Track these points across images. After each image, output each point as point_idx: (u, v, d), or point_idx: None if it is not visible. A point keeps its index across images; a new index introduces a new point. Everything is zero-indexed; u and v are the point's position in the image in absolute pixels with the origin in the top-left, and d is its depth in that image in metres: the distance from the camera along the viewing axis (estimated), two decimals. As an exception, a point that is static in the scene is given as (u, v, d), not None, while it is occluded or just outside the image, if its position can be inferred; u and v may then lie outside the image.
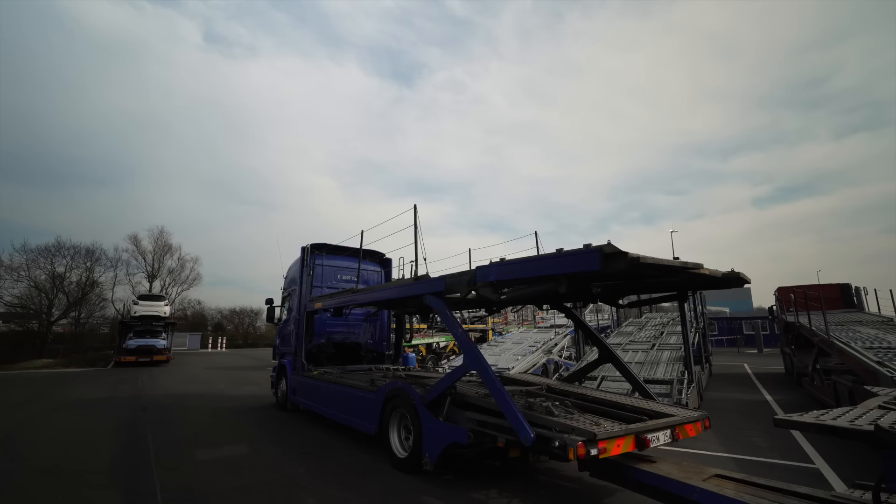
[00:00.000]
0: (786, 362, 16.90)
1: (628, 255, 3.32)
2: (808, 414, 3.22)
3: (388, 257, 10.90)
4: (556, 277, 3.87)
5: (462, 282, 4.96)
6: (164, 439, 7.02)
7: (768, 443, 6.83)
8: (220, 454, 6.16)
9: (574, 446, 3.46)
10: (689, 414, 4.58)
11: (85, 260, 39.06)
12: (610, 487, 4.60)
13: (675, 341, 11.75)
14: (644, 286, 5.18)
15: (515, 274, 4.18)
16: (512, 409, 4.01)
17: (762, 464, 5.72)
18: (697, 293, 14.08)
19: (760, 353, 30.86)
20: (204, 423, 8.32)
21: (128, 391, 12.98)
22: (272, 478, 5.15)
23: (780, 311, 16.85)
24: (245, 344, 46.21)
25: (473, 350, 4.68)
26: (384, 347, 10.69)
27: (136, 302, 24.44)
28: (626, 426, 3.90)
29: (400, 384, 5.69)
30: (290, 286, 10.60)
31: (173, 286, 45.66)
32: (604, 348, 6.18)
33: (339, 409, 7.11)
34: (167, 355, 22.76)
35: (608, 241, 3.45)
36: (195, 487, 4.83)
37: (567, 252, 3.72)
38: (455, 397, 4.96)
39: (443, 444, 4.76)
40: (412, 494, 4.59)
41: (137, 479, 5.13)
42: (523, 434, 3.85)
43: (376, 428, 5.96)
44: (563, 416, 4.10)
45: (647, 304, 5.68)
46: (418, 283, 5.69)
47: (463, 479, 5.07)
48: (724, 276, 4.24)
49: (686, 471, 3.89)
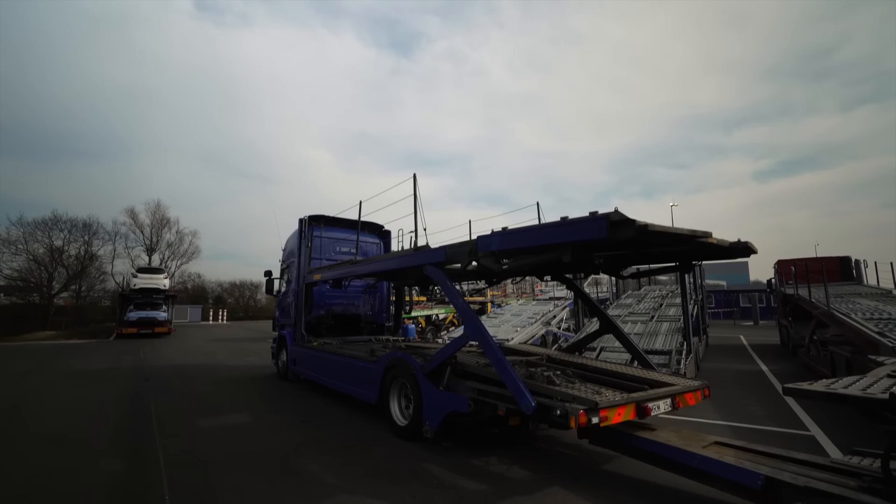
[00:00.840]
0: (782, 334, 17.07)
1: (636, 222, 3.21)
2: (818, 383, 3.19)
3: (387, 229, 10.79)
4: (560, 246, 3.77)
5: (463, 252, 4.86)
6: (165, 408, 7.08)
7: (764, 411, 6.91)
8: (222, 422, 6.21)
9: (575, 415, 3.44)
10: (690, 383, 4.58)
11: (82, 233, 39.16)
12: (608, 454, 4.65)
13: (673, 313, 11.78)
14: (647, 257, 5.09)
15: (518, 243, 4.08)
16: (513, 377, 3.99)
17: (759, 431, 5.79)
18: (697, 266, 14.09)
19: (756, 325, 31.20)
20: (205, 392, 8.40)
21: (130, 362, 13.10)
22: (273, 445, 5.20)
23: (778, 283, 16.90)
24: (246, 316, 46.59)
25: (474, 320, 4.63)
26: (384, 319, 10.71)
27: (135, 275, 24.42)
28: (628, 395, 3.89)
29: (400, 354, 5.68)
30: (289, 258, 10.52)
31: (172, 260, 45.80)
32: (605, 319, 6.16)
33: (339, 378, 7.15)
34: (168, 327, 22.91)
35: (615, 209, 3.33)
36: (197, 454, 4.87)
37: (572, 220, 3.60)
38: (455, 367, 4.95)
39: (443, 412, 4.78)
40: (413, 461, 4.64)
41: (140, 446, 5.18)
42: (524, 402, 3.84)
43: (377, 397, 5.99)
44: (565, 385, 4.09)
45: (649, 276, 5.62)
46: (418, 253, 5.59)
47: (463, 446, 5.12)
48: (731, 245, 4.15)
49: (686, 438, 3.91)
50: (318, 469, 4.41)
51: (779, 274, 16.94)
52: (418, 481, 4.09)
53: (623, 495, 3.77)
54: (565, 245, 3.70)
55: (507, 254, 4.46)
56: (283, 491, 3.87)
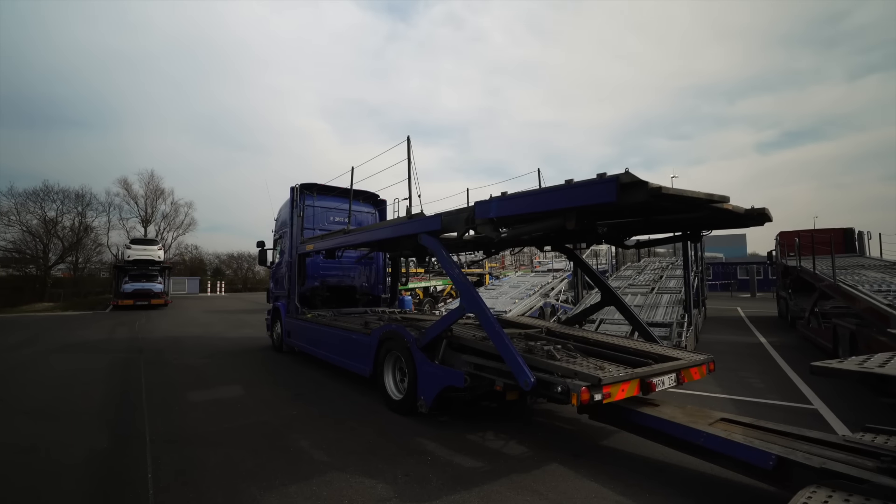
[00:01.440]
0: (780, 306, 17.01)
1: (648, 184, 2.91)
2: (849, 361, 2.98)
3: (382, 198, 10.45)
4: (563, 212, 3.48)
5: (459, 219, 4.57)
6: (157, 381, 6.94)
7: (765, 384, 6.81)
8: (213, 396, 6.07)
9: (577, 392, 3.25)
10: (695, 357, 4.39)
11: (76, 204, 38.70)
12: (608, 429, 4.52)
13: (674, 285, 11.62)
14: (654, 225, 4.81)
15: (518, 209, 3.78)
16: (511, 352, 3.78)
17: (762, 405, 5.67)
18: (702, 237, 13.80)
19: (753, 297, 31.36)
20: (198, 364, 8.27)
21: (125, 334, 12.99)
22: (265, 419, 5.06)
23: (780, 255, 16.70)
24: (244, 288, 46.61)
25: (471, 292, 4.39)
26: (380, 290, 10.52)
27: (129, 246, 24.12)
28: (632, 370, 3.69)
29: (394, 326, 5.48)
30: (282, 229, 10.22)
31: (168, 231, 45.43)
32: (607, 291, 5.94)
33: (333, 351, 6.99)
34: (165, 299, 22.81)
35: (626, 170, 3.03)
36: (185, 429, 4.73)
37: (578, 183, 3.30)
38: (451, 340, 4.75)
39: (438, 387, 4.61)
40: (407, 436, 4.50)
41: (127, 420, 5.04)
42: (522, 378, 3.64)
43: (371, 370, 5.84)
44: (566, 359, 3.89)
45: (655, 245, 5.37)
46: (413, 221, 5.30)
47: (458, 420, 4.99)
48: (746, 212, 3.86)
49: (691, 414, 3.75)
50: (309, 445, 4.26)
51: (781, 246, 16.73)
52: (412, 458, 3.94)
53: (624, 473, 3.63)
54: (570, 211, 3.41)
55: (506, 221, 4.17)
56: (272, 469, 3.72)
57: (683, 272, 10.15)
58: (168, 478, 3.55)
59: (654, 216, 4.47)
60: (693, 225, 4.67)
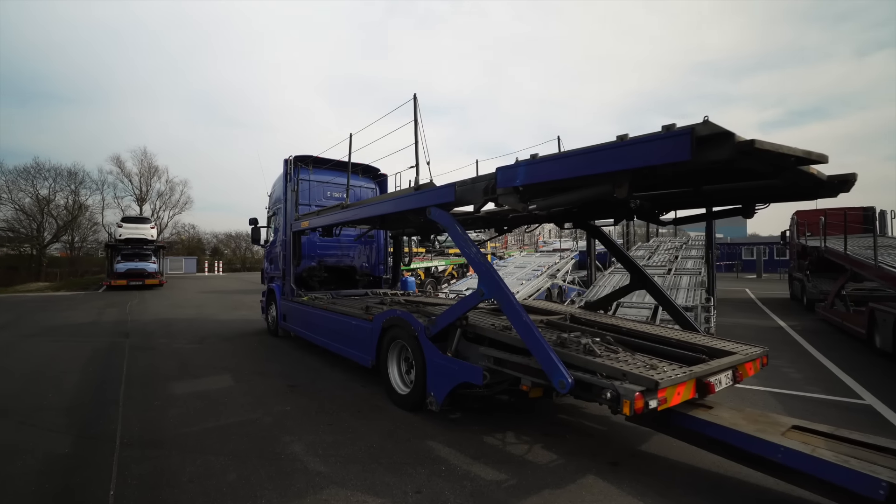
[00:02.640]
0: (793, 287, 16.47)
1: (734, 137, 2.23)
2: None
3: (382, 173, 9.71)
4: (613, 176, 2.80)
5: (477, 189, 3.89)
6: (140, 370, 6.37)
7: (802, 374, 6.26)
8: (199, 387, 5.50)
9: (631, 398, 2.64)
10: (750, 350, 3.78)
11: (68, 182, 37.79)
12: (640, 428, 3.95)
13: (691, 266, 10.99)
14: (702, 196, 4.12)
15: (552, 174, 3.09)
16: (542, 346, 3.16)
17: (806, 399, 5.12)
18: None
19: (759, 278, 30.87)
20: (187, 350, 7.70)
21: (114, 316, 12.41)
22: (254, 416, 4.49)
23: (796, 235, 16.06)
24: (243, 268, 46.00)
25: (491, 273, 3.74)
26: (381, 271, 9.89)
27: (121, 225, 23.32)
28: (689, 369, 3.07)
29: (399, 313, 4.86)
30: (276, 205, 9.51)
31: (164, 210, 44.57)
32: (637, 273, 5.30)
33: (331, 337, 6.40)
34: (159, 279, 22.19)
35: (705, 118, 2.34)
36: (162, 429, 4.15)
37: (636, 139, 2.60)
38: (466, 329, 4.13)
39: (451, 383, 4.01)
40: (416, 440, 3.93)
41: (99, 418, 4.46)
42: (557, 378, 3.03)
43: (373, 360, 5.25)
44: (607, 355, 3.27)
45: (695, 222, 4.71)
46: (420, 193, 4.61)
47: (472, 417, 4.43)
48: (828, 179, 3.19)
49: (756, 421, 3.15)
50: (303, 450, 3.69)
51: (798, 225, 16.06)
52: (423, 468, 3.37)
53: (675, 489, 3.06)
54: (622, 174, 2.73)
55: (535, 190, 3.48)
56: (258, 482, 3.15)
57: (706, 252, 9.53)
58: (132, 495, 2.98)
59: (709, 184, 3.80)
60: (749, 197, 3.99)
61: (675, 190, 4.12)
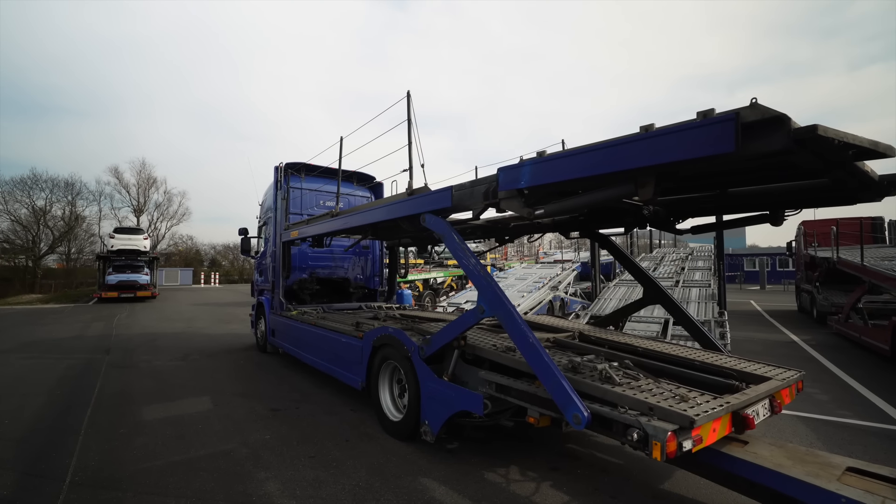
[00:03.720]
0: (801, 299, 16.02)
1: (789, 122, 1.83)
2: None
3: (378, 181, 9.32)
4: (636, 174, 2.39)
5: (476, 193, 3.48)
6: (112, 391, 5.88)
7: (828, 395, 5.79)
8: (173, 412, 5.02)
9: (662, 440, 2.19)
10: (786, 374, 3.33)
11: (65, 193, 37.55)
12: (662, 464, 3.49)
13: (699, 278, 10.56)
14: (728, 200, 3.71)
15: (563, 174, 2.68)
16: (553, 374, 2.71)
17: (841, 427, 4.65)
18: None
19: (763, 289, 30.45)
20: (168, 368, 7.21)
21: (99, 330, 11.91)
22: (228, 448, 4.01)
23: (803, 246, 15.66)
24: (240, 279, 45.48)
25: (492, 287, 3.31)
26: (376, 283, 9.44)
27: (113, 235, 22.85)
28: (724, 401, 2.63)
29: (391, 331, 4.41)
30: (266, 214, 9.11)
31: (162, 221, 44.26)
32: (651, 286, 4.88)
33: (319, 355, 5.93)
34: (152, 291, 21.68)
35: (753, 100, 1.93)
36: (122, 464, 3.67)
37: (665, 129, 2.20)
38: (464, 350, 3.69)
39: (448, 411, 3.56)
40: (408, 476, 3.46)
41: (54, 450, 3.97)
42: (572, 411, 2.58)
43: (363, 382, 4.79)
44: (627, 384, 2.82)
45: (719, 229, 4.30)
46: (414, 198, 4.20)
47: (471, 448, 3.96)
48: (879, 179, 2.78)
49: (804, 461, 2.69)
50: (277, 491, 3.22)
51: (804, 236, 15.68)
52: (415, 514, 2.90)
53: (712, 542, 2.60)
54: (647, 172, 2.31)
55: (544, 192, 3.07)
56: (219, 534, 2.67)
57: (717, 264, 9.12)
58: (69, 553, 2.51)
59: (736, 185, 3.40)
60: (778, 202, 3.58)
61: (696, 194, 3.70)
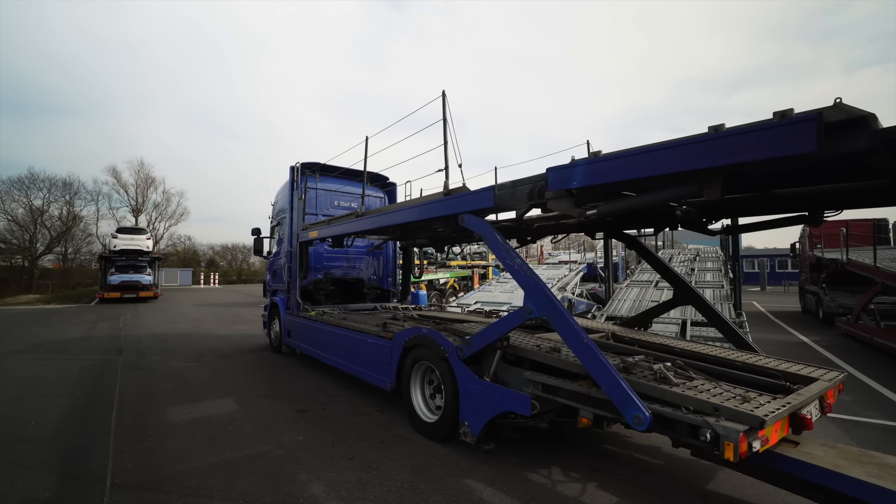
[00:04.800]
0: (805, 300, 16.12)
1: (876, 122, 1.83)
2: None
3: (392, 181, 9.30)
4: (700, 174, 2.39)
5: (520, 194, 3.47)
6: (134, 392, 5.83)
7: (851, 396, 5.81)
8: (199, 413, 4.98)
9: (735, 440, 2.18)
10: (831, 375, 3.34)
11: (63, 193, 37.38)
12: (700, 462, 3.49)
13: (711, 279, 10.61)
14: (770, 201, 3.71)
15: (623, 174, 2.68)
16: (612, 374, 2.70)
17: (873, 427, 4.67)
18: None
19: (763, 290, 30.62)
20: (185, 370, 7.16)
21: (106, 330, 11.82)
22: (264, 449, 3.98)
23: (808, 247, 15.77)
24: (239, 280, 45.31)
25: (540, 288, 3.30)
26: (389, 284, 9.41)
27: (115, 235, 22.69)
28: (787, 402, 2.62)
29: (425, 331, 4.39)
30: (280, 214, 9.06)
31: (160, 221, 44.12)
32: (682, 286, 4.87)
33: (343, 356, 5.90)
34: (154, 291, 21.54)
35: (837, 100, 1.93)
36: (159, 466, 3.63)
37: (740, 128, 2.19)
38: (506, 351, 3.67)
39: (491, 412, 3.54)
40: (451, 477, 3.44)
41: (87, 452, 3.93)
42: (632, 411, 2.57)
43: (393, 383, 4.77)
44: (681, 383, 2.82)
45: (755, 230, 4.30)
46: (452, 198, 4.18)
47: (508, 449, 3.94)
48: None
49: (860, 461, 2.69)
50: (323, 492, 3.19)
51: (809, 237, 15.79)
52: (468, 516, 2.88)
53: (772, 543, 2.60)
54: (715, 172, 2.31)
55: (594, 192, 3.07)
56: (274, 536, 2.65)
57: (732, 265, 9.17)
58: (126, 557, 2.47)
59: (781, 186, 3.40)
60: (819, 203, 3.59)
61: (739, 195, 3.71)
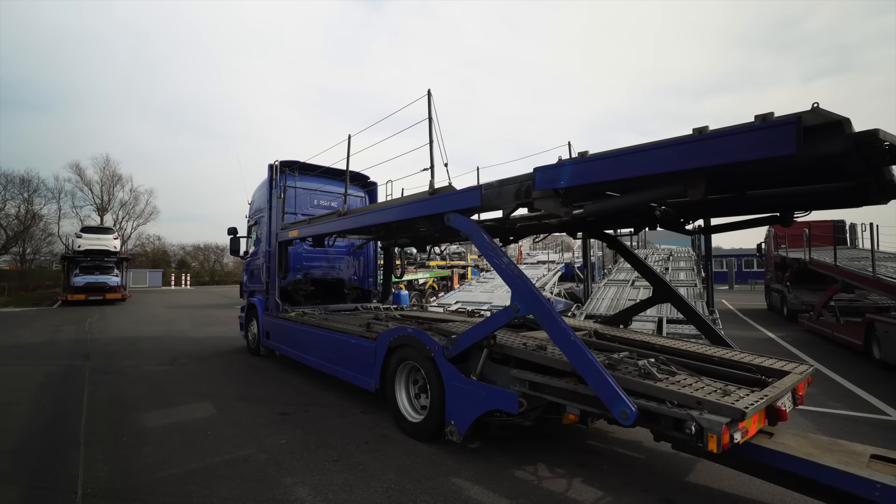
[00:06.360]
0: (771, 298, 16.82)
1: (850, 126, 1.92)
2: None
3: (372, 181, 9.23)
4: (685, 175, 2.46)
5: (506, 193, 3.50)
6: (104, 397, 5.60)
7: (816, 388, 6.09)
8: (176, 418, 4.82)
9: (718, 432, 2.26)
10: (801, 369, 3.50)
11: (21, 190, 35.47)
12: (680, 455, 3.59)
13: (685, 278, 10.93)
14: (743, 202, 3.86)
15: (610, 174, 2.73)
16: (598, 371, 2.76)
17: (837, 418, 4.91)
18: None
19: (731, 289, 31.83)
20: (158, 373, 6.91)
21: (71, 334, 11.29)
22: (245, 454, 3.88)
23: (773, 247, 16.48)
24: (211, 281, 44.07)
25: (528, 287, 3.33)
26: (370, 284, 9.33)
27: (80, 235, 21.70)
28: (764, 395, 2.73)
29: (410, 331, 4.37)
30: (257, 214, 8.86)
31: (128, 220, 42.49)
32: (661, 285, 5.02)
33: (325, 358, 5.81)
34: (122, 293, 20.73)
35: (814, 105, 2.03)
36: (135, 474, 3.49)
37: (721, 131, 2.27)
38: (493, 350, 3.69)
39: (478, 410, 3.56)
40: (439, 476, 3.43)
41: (55, 461, 3.75)
42: (619, 407, 2.63)
43: (377, 384, 4.73)
44: (667, 379, 2.90)
45: (728, 230, 4.47)
46: (438, 197, 4.18)
47: (495, 448, 3.97)
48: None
49: (830, 450, 2.83)
50: (309, 496, 3.14)
51: (774, 238, 16.50)
52: (457, 515, 2.89)
53: (750, 531, 2.70)
54: (698, 172, 2.39)
55: (581, 192, 3.12)
56: (260, 542, 2.58)
57: (705, 264, 9.50)
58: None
59: (759, 188, 3.54)
60: (790, 204, 3.75)
61: (717, 196, 3.84)
